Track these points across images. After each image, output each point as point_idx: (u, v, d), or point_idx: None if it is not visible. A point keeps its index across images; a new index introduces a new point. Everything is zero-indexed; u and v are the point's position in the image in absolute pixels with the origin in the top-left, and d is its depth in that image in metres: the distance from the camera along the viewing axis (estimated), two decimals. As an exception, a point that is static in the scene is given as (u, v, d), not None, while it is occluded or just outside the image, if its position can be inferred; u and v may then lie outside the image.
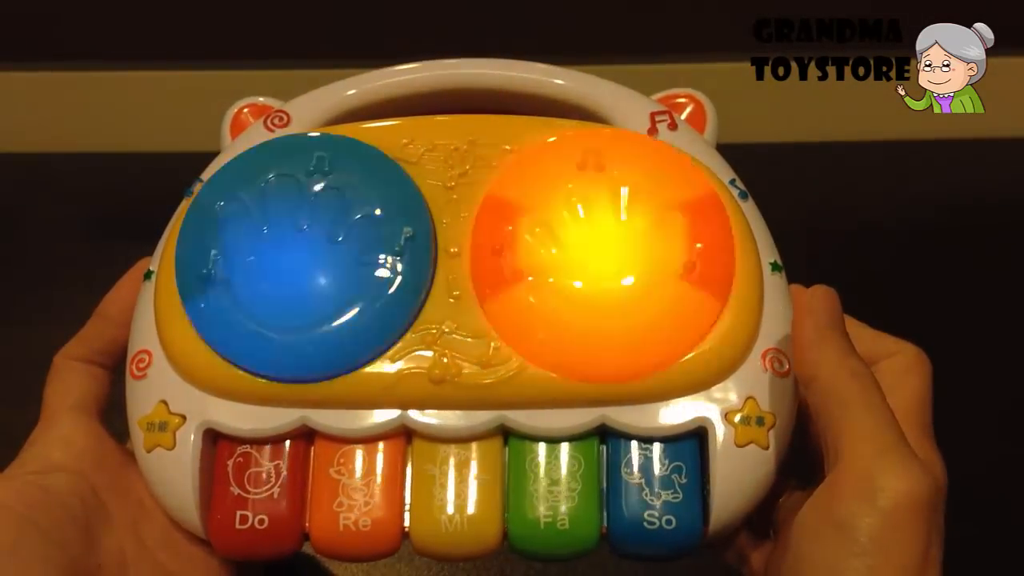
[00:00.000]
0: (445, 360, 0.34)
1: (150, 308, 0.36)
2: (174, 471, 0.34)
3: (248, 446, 0.35)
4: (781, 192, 0.38)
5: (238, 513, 0.34)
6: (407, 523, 0.34)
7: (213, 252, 0.35)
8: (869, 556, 0.27)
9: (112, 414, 0.36)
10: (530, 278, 0.34)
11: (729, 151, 0.39)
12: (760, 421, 0.33)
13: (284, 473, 0.34)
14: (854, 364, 0.31)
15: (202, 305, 0.34)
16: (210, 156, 0.39)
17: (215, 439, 0.35)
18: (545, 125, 0.38)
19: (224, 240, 0.35)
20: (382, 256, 0.34)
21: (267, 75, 0.71)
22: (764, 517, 0.35)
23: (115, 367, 0.37)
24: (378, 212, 0.35)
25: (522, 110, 0.40)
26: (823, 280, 0.36)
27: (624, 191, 0.36)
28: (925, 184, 0.72)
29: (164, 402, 0.34)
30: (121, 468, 0.36)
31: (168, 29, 0.70)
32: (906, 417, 0.32)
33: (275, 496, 0.34)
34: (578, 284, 0.34)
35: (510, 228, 0.35)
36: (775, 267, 0.36)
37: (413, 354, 0.34)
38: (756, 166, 0.38)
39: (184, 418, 0.34)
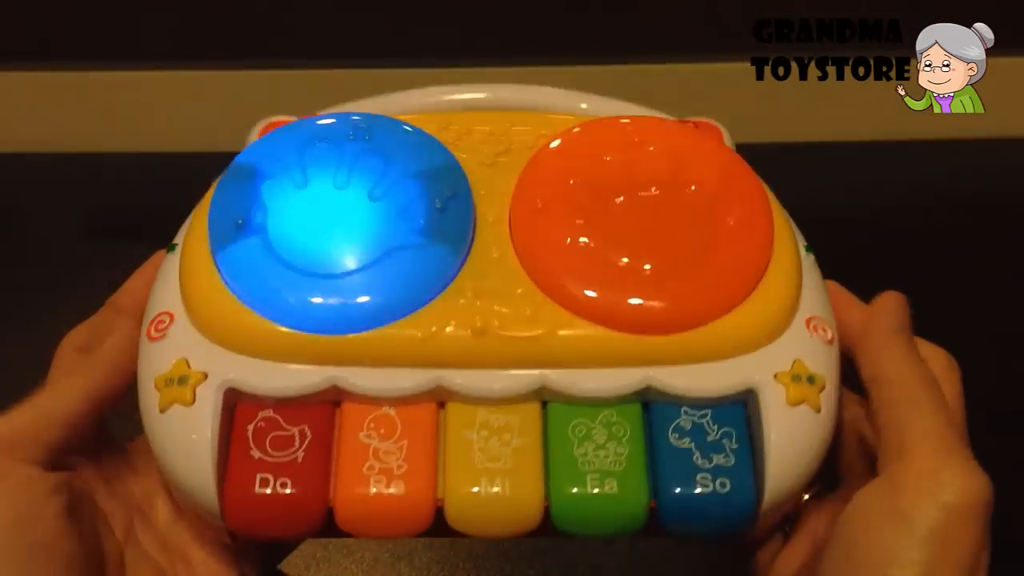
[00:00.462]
0: (485, 313, 0.32)
1: (173, 274, 0.34)
2: (191, 429, 0.31)
3: (270, 410, 0.32)
4: (781, 192, 0.38)
5: (258, 476, 0.31)
6: (441, 492, 0.31)
7: (249, 204, 0.34)
8: (928, 548, 0.28)
9: (110, 414, 0.36)
10: (571, 234, 0.34)
11: (729, 151, 0.39)
12: (811, 380, 0.32)
13: (309, 437, 0.32)
14: (924, 367, 0.31)
15: (233, 253, 0.33)
16: (211, 156, 0.39)
17: (235, 405, 0.32)
18: (580, 121, 0.38)
19: (261, 194, 0.34)
20: (423, 212, 0.34)
21: (268, 75, 0.71)
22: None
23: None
24: (418, 174, 0.35)
25: None
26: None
27: (667, 162, 0.36)
28: (925, 184, 0.72)
29: (184, 359, 0.32)
30: (117, 468, 0.35)
31: (168, 29, 0.70)
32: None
33: (300, 460, 0.31)
34: (622, 240, 0.34)
35: (550, 192, 0.35)
36: (807, 248, 0.36)
37: (452, 309, 0.32)
38: (756, 166, 0.38)
39: (206, 375, 0.32)
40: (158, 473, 0.34)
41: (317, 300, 0.32)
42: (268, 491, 0.31)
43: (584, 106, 0.40)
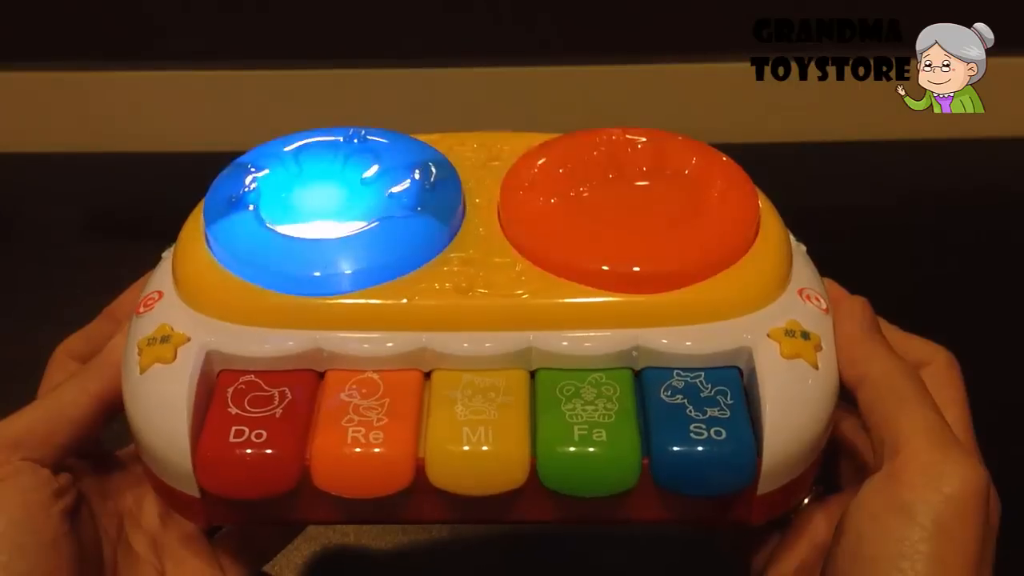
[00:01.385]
0: (471, 276, 0.32)
1: (167, 266, 0.35)
2: (170, 386, 0.31)
3: (252, 375, 0.32)
4: (781, 192, 0.38)
5: (233, 428, 0.30)
6: (423, 452, 0.30)
7: (243, 185, 0.35)
8: (934, 539, 0.28)
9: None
10: (557, 206, 0.34)
11: (729, 151, 0.39)
12: (805, 335, 0.31)
13: (289, 397, 0.31)
14: (903, 364, 0.32)
15: (223, 224, 0.34)
16: (211, 156, 0.39)
17: (216, 375, 0.32)
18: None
19: (256, 179, 0.35)
20: (413, 190, 0.35)
21: (268, 75, 0.71)
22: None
23: None
24: (410, 166, 0.36)
25: None
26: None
27: (653, 156, 0.36)
28: (925, 184, 0.72)
29: (169, 324, 0.32)
30: (108, 473, 0.36)
31: (168, 29, 0.71)
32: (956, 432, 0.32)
33: (277, 416, 0.30)
34: (610, 208, 0.34)
35: (537, 173, 0.36)
36: (797, 240, 0.36)
37: (438, 273, 0.32)
38: (756, 166, 0.38)
39: (189, 338, 0.32)
40: (145, 477, 0.34)
41: (303, 263, 0.32)
42: (242, 441, 0.30)
43: None
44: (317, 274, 0.32)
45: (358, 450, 0.29)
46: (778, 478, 0.31)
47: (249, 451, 0.29)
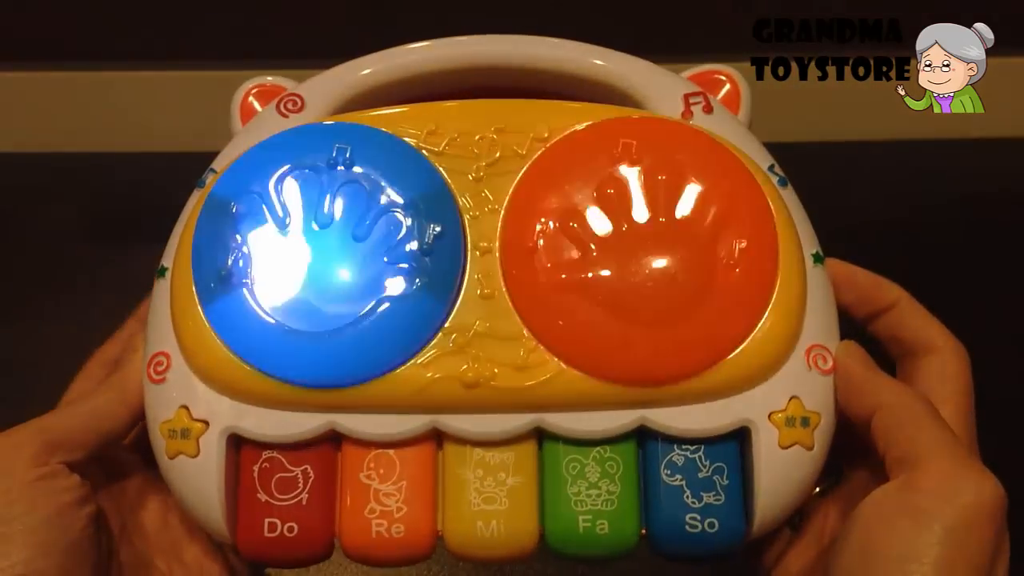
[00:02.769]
0: (478, 364, 0.32)
1: (166, 308, 0.34)
2: (199, 479, 0.33)
3: (274, 451, 0.33)
4: (781, 192, 0.38)
5: (266, 521, 0.33)
6: (440, 526, 0.33)
7: (231, 251, 0.33)
8: (945, 546, 0.28)
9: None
10: (564, 275, 0.33)
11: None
12: (805, 422, 0.32)
13: (312, 478, 0.33)
14: (913, 389, 0.32)
15: (221, 308, 0.33)
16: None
17: (239, 443, 0.34)
18: (576, 110, 0.36)
19: (242, 238, 0.34)
20: (409, 255, 0.33)
21: (268, 74, 0.71)
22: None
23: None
24: (404, 208, 0.34)
25: (550, 90, 0.38)
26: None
27: (661, 185, 0.35)
28: (925, 184, 0.72)
29: (185, 407, 0.33)
30: (110, 469, 0.36)
31: (168, 29, 0.70)
32: (956, 420, 0.33)
33: (304, 503, 0.33)
34: (615, 283, 0.33)
35: (542, 224, 0.34)
36: (817, 258, 0.35)
37: (444, 357, 0.33)
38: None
39: (207, 424, 0.33)
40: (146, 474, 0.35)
41: (309, 357, 0.33)
42: (276, 535, 0.33)
43: (605, 64, 0.38)
44: (323, 368, 0.33)
45: (382, 538, 0.32)
46: (766, 534, 0.34)
47: (284, 541, 0.33)
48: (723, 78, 0.39)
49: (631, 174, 0.35)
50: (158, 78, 0.72)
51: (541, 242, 0.34)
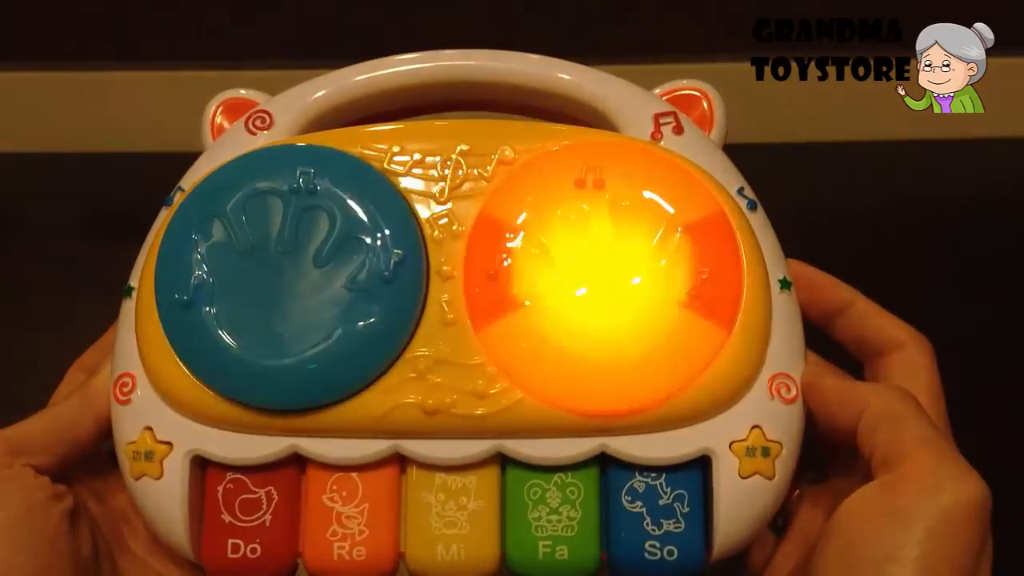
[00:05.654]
0: (438, 391, 0.33)
1: (131, 329, 0.34)
2: (162, 500, 0.33)
3: (238, 472, 0.34)
4: (781, 192, 0.38)
5: (230, 542, 0.33)
6: (403, 549, 0.33)
7: (193, 277, 0.33)
8: (925, 547, 0.28)
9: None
10: (527, 303, 0.33)
11: (729, 151, 0.38)
12: (765, 452, 0.33)
13: (276, 499, 0.33)
14: (892, 388, 0.32)
15: (183, 332, 0.33)
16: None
17: (204, 464, 0.34)
18: (541, 131, 0.36)
19: (204, 262, 0.33)
20: (370, 281, 0.33)
21: (268, 74, 0.71)
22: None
23: None
24: (365, 233, 0.34)
25: (520, 106, 0.38)
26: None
27: (626, 212, 0.34)
28: (925, 184, 0.72)
29: (149, 429, 0.33)
30: (103, 477, 0.36)
31: (168, 29, 0.70)
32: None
33: (267, 524, 0.33)
34: (577, 312, 0.33)
35: (505, 251, 0.34)
36: (784, 284, 0.34)
37: (405, 384, 0.33)
38: (756, 166, 0.37)
39: (171, 446, 0.33)
40: None
41: (271, 382, 0.33)
42: (240, 556, 0.33)
43: (575, 81, 0.37)
44: (286, 392, 0.33)
45: (344, 561, 0.33)
46: (726, 559, 0.34)
47: (247, 562, 0.33)
48: (697, 94, 0.38)
49: (595, 200, 0.34)
50: (158, 78, 0.72)
51: (501, 273, 0.34)
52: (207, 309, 0.33)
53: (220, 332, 0.33)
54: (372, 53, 0.39)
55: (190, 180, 0.36)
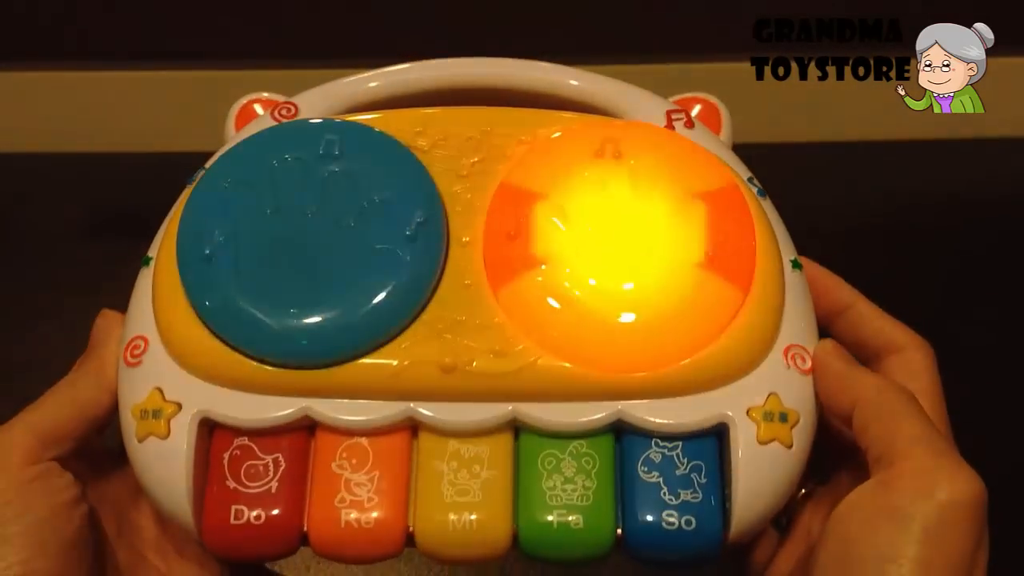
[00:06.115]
0: (456, 349, 0.32)
1: (147, 294, 0.34)
2: (167, 461, 0.32)
3: (246, 438, 0.33)
4: (781, 192, 0.38)
5: (233, 508, 0.32)
6: (411, 519, 0.32)
7: (216, 232, 0.33)
8: (922, 545, 0.28)
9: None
10: (544, 266, 0.33)
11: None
12: (783, 417, 0.32)
13: (283, 466, 0.33)
14: (894, 384, 0.32)
15: (203, 287, 0.33)
16: (211, 156, 0.39)
17: (211, 431, 0.33)
18: (561, 119, 0.37)
19: (228, 221, 0.34)
20: (392, 241, 0.33)
21: (268, 75, 0.71)
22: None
23: None
24: (389, 197, 0.34)
25: (536, 107, 0.38)
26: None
27: (643, 178, 0.35)
28: (925, 184, 0.72)
29: (159, 389, 0.33)
30: (104, 469, 0.36)
31: (169, 29, 0.71)
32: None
33: (273, 491, 0.32)
34: (595, 272, 0.33)
35: (524, 213, 0.34)
36: (795, 264, 0.35)
37: (422, 343, 0.33)
38: (756, 166, 0.38)
39: (180, 406, 0.33)
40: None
41: (287, 336, 0.32)
42: (243, 522, 0.32)
43: (588, 86, 0.39)
44: (303, 347, 0.32)
45: (351, 529, 0.32)
46: (744, 539, 0.33)
47: (250, 529, 0.32)
48: (698, 104, 0.40)
49: (613, 167, 0.35)
50: (158, 78, 0.72)
51: (520, 232, 0.34)
52: (228, 263, 0.33)
53: (238, 285, 0.33)
54: (373, 56, 0.39)
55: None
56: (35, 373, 0.36)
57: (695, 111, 0.39)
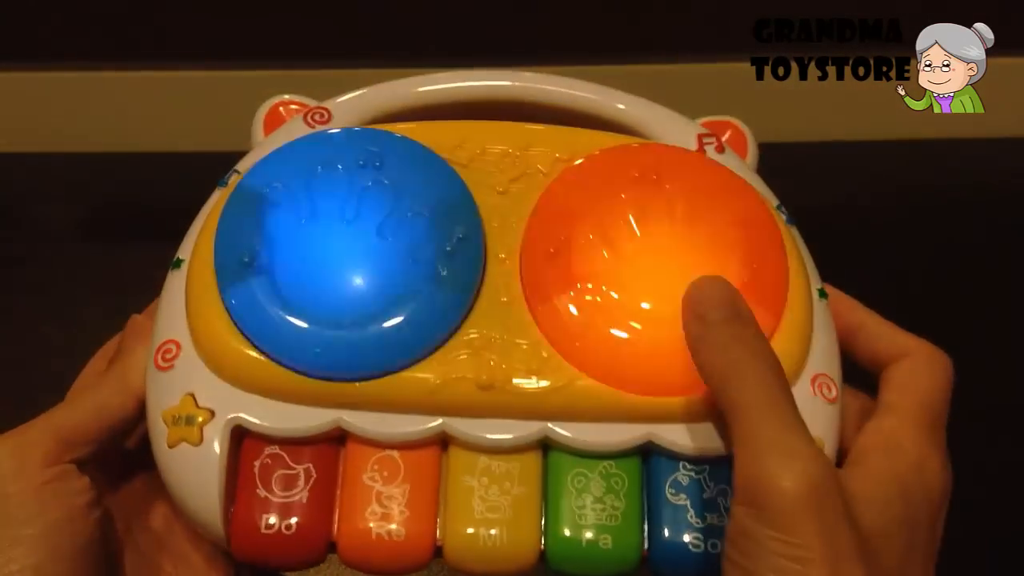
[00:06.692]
0: (493, 366, 0.33)
1: (179, 297, 0.34)
2: (199, 468, 0.32)
3: (277, 447, 0.33)
4: (781, 192, 0.38)
5: (263, 517, 0.32)
6: (440, 533, 0.32)
7: (255, 240, 0.34)
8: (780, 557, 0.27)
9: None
10: (583, 286, 0.34)
11: (729, 151, 0.38)
12: None
13: (314, 476, 0.33)
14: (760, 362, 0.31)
15: (241, 294, 0.33)
16: (211, 156, 0.39)
17: (241, 439, 0.33)
18: (598, 138, 0.38)
19: (267, 229, 0.34)
20: (432, 255, 0.33)
21: (268, 75, 0.71)
22: None
23: None
24: (429, 211, 0.34)
25: (567, 124, 0.39)
26: (823, 280, 0.36)
27: (681, 203, 0.35)
28: (925, 184, 0.72)
29: (192, 395, 0.33)
30: (114, 471, 0.35)
31: (169, 29, 0.71)
32: (912, 417, 0.32)
33: (304, 500, 0.32)
34: (635, 295, 0.33)
35: (563, 233, 0.34)
36: (821, 294, 0.35)
37: (459, 359, 0.33)
38: (756, 166, 0.38)
39: (213, 413, 0.32)
40: (155, 478, 0.34)
41: (325, 348, 0.32)
42: (273, 532, 0.32)
43: (621, 106, 0.39)
44: (339, 360, 0.32)
45: (381, 541, 0.32)
46: None
47: (280, 539, 0.32)
48: (731, 132, 0.40)
49: (651, 193, 0.35)
50: (159, 78, 0.72)
51: (561, 252, 0.34)
52: (266, 270, 0.33)
53: (277, 293, 0.33)
54: (373, 56, 0.39)
55: (246, 165, 0.37)
56: (35, 373, 0.36)
57: (725, 136, 0.40)
